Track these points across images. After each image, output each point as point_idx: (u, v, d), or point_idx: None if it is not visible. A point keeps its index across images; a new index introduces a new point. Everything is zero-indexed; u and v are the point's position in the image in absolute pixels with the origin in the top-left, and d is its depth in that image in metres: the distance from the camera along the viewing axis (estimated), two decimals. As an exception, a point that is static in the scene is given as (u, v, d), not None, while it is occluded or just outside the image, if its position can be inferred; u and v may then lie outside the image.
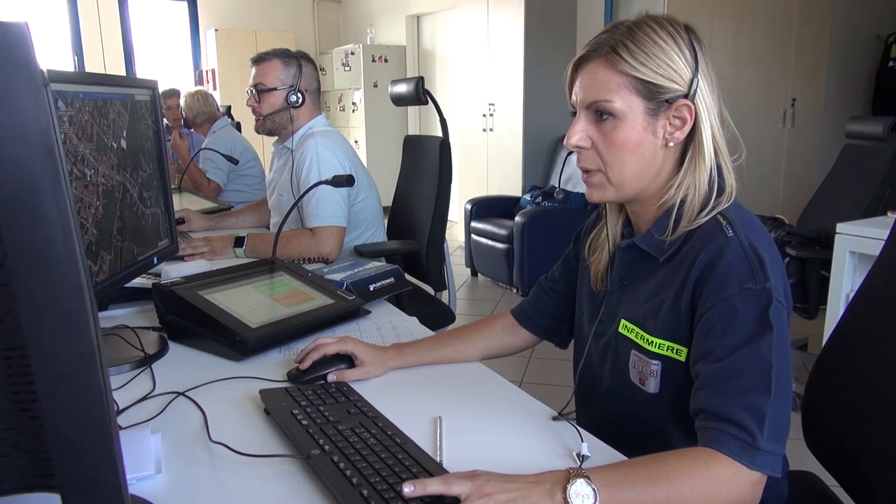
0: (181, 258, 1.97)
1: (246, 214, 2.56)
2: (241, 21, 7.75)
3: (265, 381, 1.12)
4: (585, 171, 0.97)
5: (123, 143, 1.19)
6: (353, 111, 7.38)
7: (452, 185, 2.38)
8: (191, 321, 1.28)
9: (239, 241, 2.01)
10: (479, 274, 4.86)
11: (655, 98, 0.91)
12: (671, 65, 0.90)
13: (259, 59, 2.13)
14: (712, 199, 0.92)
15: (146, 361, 1.19)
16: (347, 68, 7.29)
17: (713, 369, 0.83)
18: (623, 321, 0.99)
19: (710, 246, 0.88)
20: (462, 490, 0.71)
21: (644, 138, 0.92)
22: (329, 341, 1.14)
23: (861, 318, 1.14)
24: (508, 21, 5.11)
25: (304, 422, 0.93)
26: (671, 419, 0.94)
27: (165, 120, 4.69)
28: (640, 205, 0.99)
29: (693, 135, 0.93)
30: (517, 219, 4.24)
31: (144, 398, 1.06)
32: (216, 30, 7.37)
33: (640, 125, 0.92)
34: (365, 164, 2.31)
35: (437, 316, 2.34)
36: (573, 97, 0.97)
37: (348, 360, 1.14)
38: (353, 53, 7.19)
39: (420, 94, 2.30)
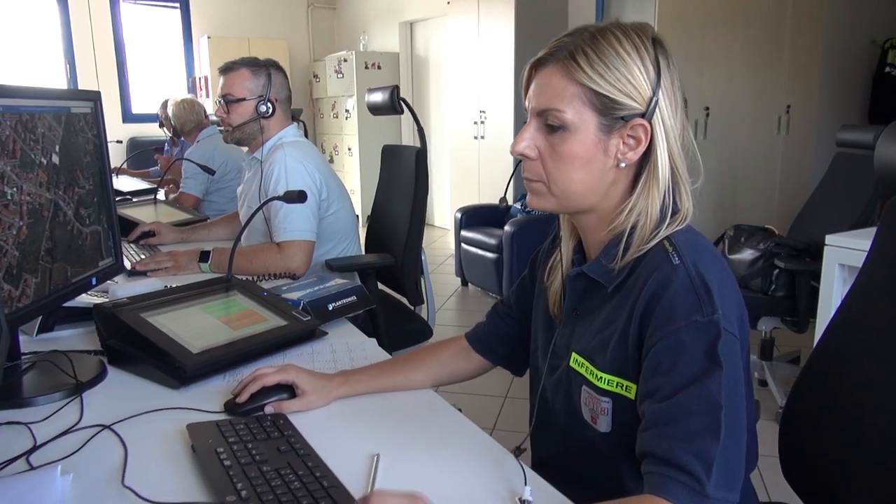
0: (143, 274, 1.90)
1: (219, 227, 2.49)
2: (234, 28, 7.71)
3: (200, 413, 1.05)
4: (528, 181, 0.91)
5: (55, 159, 1.13)
6: (347, 118, 7.32)
7: (444, 194, 2.32)
8: (131, 345, 1.21)
9: (204, 256, 1.94)
10: (469, 284, 4.79)
11: (610, 114, 0.84)
12: (631, 80, 0.83)
13: (227, 69, 2.07)
14: (664, 225, 0.85)
15: (77, 390, 1.12)
16: (340, 75, 7.23)
17: (660, 409, 0.76)
18: (574, 354, 0.93)
19: (656, 275, 0.81)
20: None
21: (594, 155, 0.86)
22: (269, 371, 1.07)
23: (840, 338, 1.08)
24: (499, 28, 5.06)
25: (227, 462, 0.86)
26: (625, 459, 0.87)
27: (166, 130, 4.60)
28: (588, 227, 0.93)
29: (648, 156, 0.86)
30: (506, 228, 4.17)
31: (66, 432, 0.99)
32: (209, 37, 7.33)
33: (590, 141, 0.85)
34: (357, 171, 2.28)
35: (413, 331, 2.27)
36: (527, 101, 0.91)
37: (290, 390, 1.08)
38: (345, 60, 7.14)
39: (395, 104, 2.24)
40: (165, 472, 0.89)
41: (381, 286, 2.47)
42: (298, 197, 1.58)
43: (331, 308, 1.49)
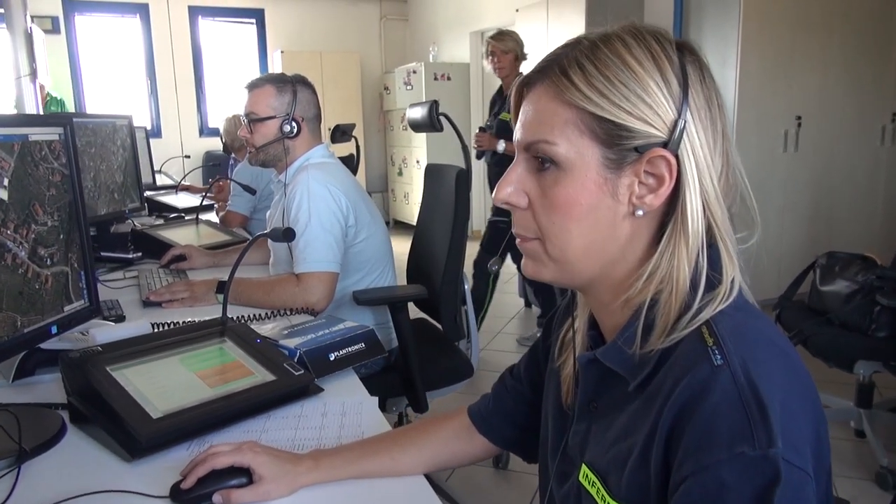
0: (158, 304, 1.79)
1: (251, 251, 2.36)
2: (308, 42, 7.76)
3: (142, 498, 0.88)
4: (520, 241, 0.69)
5: (2, 194, 0.99)
6: (415, 130, 7.21)
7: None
8: (90, 404, 1.06)
9: (221, 287, 1.80)
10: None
11: (618, 144, 0.62)
12: (645, 97, 0.61)
13: (252, 86, 1.94)
14: (697, 299, 0.61)
15: (19, 459, 0.97)
16: (409, 87, 7.13)
17: None
18: (585, 466, 0.69)
19: (690, 378, 0.57)
20: None
21: (599, 201, 0.63)
22: (223, 450, 0.89)
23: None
24: (568, 34, 4.78)
25: (130, 588, 0.68)
26: None
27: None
28: (599, 303, 0.70)
29: (675, 202, 0.63)
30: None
31: (-18, 519, 0.85)
32: (282, 52, 7.40)
33: (592, 181, 0.63)
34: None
35: (451, 370, 2.07)
36: (515, 134, 0.69)
37: (249, 474, 0.89)
38: (414, 72, 7.04)
39: (434, 120, 2.05)
40: (64, 591, 0.72)
41: (423, 315, 2.28)
42: (284, 235, 1.40)
43: (332, 358, 1.30)
